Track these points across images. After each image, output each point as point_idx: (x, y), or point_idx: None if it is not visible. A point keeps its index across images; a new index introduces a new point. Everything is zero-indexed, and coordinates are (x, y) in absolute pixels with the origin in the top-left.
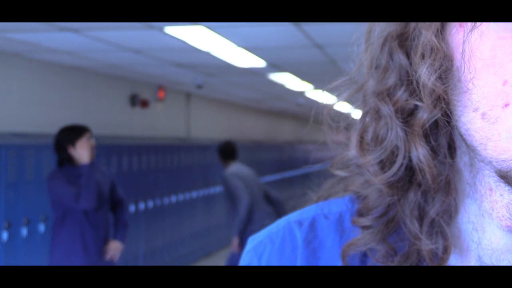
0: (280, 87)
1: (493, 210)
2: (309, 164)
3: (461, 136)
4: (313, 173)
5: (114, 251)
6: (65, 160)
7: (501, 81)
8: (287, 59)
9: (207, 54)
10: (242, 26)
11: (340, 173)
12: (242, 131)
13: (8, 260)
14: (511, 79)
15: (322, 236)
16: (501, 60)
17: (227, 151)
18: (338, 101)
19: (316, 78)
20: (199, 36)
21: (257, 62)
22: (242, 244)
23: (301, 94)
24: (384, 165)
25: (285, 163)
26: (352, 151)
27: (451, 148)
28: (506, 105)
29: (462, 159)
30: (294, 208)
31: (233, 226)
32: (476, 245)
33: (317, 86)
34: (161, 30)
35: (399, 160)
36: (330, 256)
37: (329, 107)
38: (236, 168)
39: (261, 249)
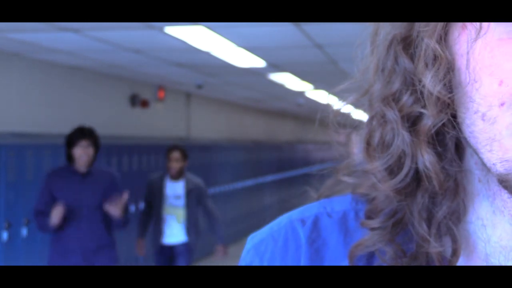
0: (280, 87)
1: (505, 208)
2: (309, 164)
3: (466, 139)
4: (313, 173)
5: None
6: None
7: (497, 81)
8: (287, 59)
9: (207, 54)
10: (242, 26)
11: (347, 179)
12: (242, 131)
13: (8, 260)
14: (507, 79)
15: (325, 235)
16: (498, 60)
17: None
18: (344, 105)
19: (316, 78)
20: (199, 36)
21: (257, 62)
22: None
23: (301, 94)
24: (391, 171)
25: (285, 163)
26: (358, 156)
27: (459, 149)
28: (502, 104)
29: (474, 157)
30: (293, 208)
31: (219, 236)
32: (484, 244)
33: (317, 86)
34: (161, 30)
35: (406, 166)
36: (334, 256)
37: (335, 112)
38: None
39: (263, 248)
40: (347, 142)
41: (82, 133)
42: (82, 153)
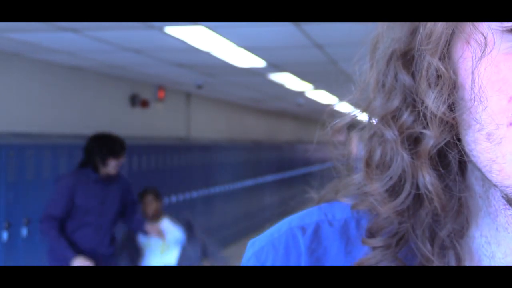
0: (280, 87)
1: (509, 224)
2: (309, 164)
3: (468, 155)
4: (313, 173)
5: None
6: (90, 165)
7: (506, 98)
8: (287, 59)
9: (207, 54)
10: (242, 26)
11: (347, 201)
12: (242, 131)
13: (8, 260)
14: None
15: (326, 244)
16: (505, 75)
17: None
18: (344, 121)
19: (316, 78)
20: (199, 36)
21: (257, 62)
22: None
23: (301, 94)
24: (391, 193)
25: (285, 163)
26: (358, 176)
27: (461, 164)
28: (511, 123)
29: (474, 173)
30: (293, 209)
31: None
32: (489, 260)
33: (317, 86)
34: (161, 30)
35: (407, 188)
36: (335, 265)
37: (335, 128)
38: None
39: (264, 256)
40: (347, 153)
41: (123, 147)
42: (119, 164)
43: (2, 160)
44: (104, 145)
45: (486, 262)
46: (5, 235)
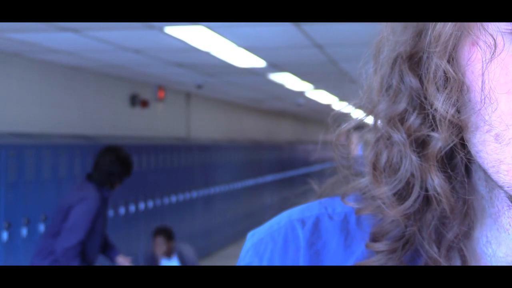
0: (280, 87)
1: (510, 226)
2: (309, 164)
3: (474, 156)
4: (313, 173)
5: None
6: (107, 184)
7: None
8: (287, 59)
9: (207, 54)
10: (242, 26)
11: (354, 205)
12: (242, 131)
13: (8, 260)
14: None
15: (326, 237)
16: None
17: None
18: (350, 125)
19: (316, 78)
20: (199, 36)
21: (257, 62)
22: None
23: (301, 94)
24: (399, 196)
25: (285, 163)
26: (365, 180)
27: (466, 166)
28: None
29: (477, 173)
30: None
31: None
32: (489, 258)
33: (317, 86)
34: (161, 30)
35: (416, 191)
36: (334, 259)
37: (340, 133)
38: None
39: (262, 248)
40: (349, 155)
41: (130, 169)
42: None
43: (2, 160)
44: (125, 166)
45: (487, 260)
46: (5, 235)
